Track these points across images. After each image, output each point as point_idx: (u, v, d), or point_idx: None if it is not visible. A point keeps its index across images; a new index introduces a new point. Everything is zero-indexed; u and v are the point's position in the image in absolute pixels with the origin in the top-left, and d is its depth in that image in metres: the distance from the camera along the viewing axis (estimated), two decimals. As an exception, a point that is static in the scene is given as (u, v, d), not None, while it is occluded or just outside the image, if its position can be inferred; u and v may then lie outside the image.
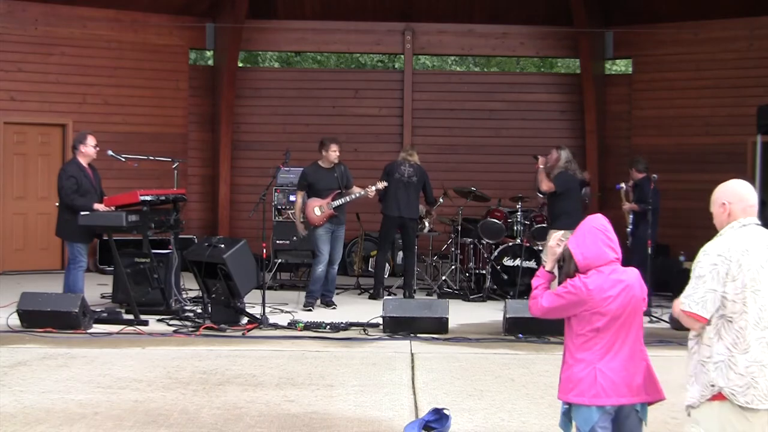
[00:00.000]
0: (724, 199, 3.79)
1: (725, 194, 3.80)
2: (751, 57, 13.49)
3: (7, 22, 13.11)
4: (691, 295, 3.69)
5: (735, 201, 3.78)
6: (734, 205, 3.77)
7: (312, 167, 10.51)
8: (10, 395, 6.37)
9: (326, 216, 10.26)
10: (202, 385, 6.76)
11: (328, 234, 10.31)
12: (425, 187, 11.27)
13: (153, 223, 9.48)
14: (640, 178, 11.07)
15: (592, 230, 4.11)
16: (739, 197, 3.78)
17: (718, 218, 3.82)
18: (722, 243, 3.73)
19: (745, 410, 3.64)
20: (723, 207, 3.79)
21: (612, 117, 14.74)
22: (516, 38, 15.01)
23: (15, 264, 13.20)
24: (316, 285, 10.28)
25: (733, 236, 3.74)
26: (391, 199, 11.08)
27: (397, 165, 11.20)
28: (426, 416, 5.68)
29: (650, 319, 9.88)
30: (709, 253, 3.71)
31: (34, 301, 8.83)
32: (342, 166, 10.51)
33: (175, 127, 14.41)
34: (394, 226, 11.23)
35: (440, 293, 11.38)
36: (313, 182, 10.36)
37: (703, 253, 3.73)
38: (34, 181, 13.42)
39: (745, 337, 3.66)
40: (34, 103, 13.32)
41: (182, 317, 9.34)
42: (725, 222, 3.79)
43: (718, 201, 3.81)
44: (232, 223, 14.45)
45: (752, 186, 3.86)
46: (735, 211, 3.77)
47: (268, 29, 15.00)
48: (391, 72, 19.64)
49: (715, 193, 3.86)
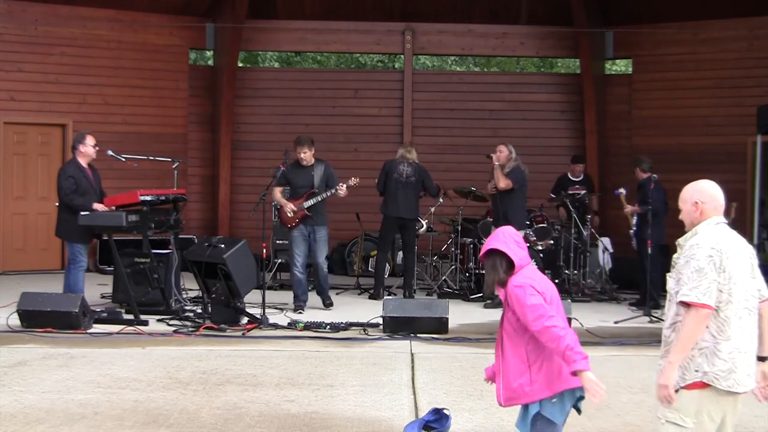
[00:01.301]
0: (697, 198, 3.97)
1: (698, 194, 3.98)
2: (751, 57, 13.49)
3: (7, 22, 13.11)
4: (697, 287, 3.79)
5: (708, 200, 3.96)
6: (707, 205, 3.95)
7: (291, 165, 10.34)
8: (10, 395, 6.37)
9: (299, 217, 10.13)
10: (202, 385, 6.76)
11: (302, 236, 10.14)
12: (425, 183, 11.24)
13: (153, 223, 9.48)
14: (644, 178, 11.02)
15: (511, 234, 4.30)
16: (712, 197, 3.96)
17: (688, 216, 3.99)
18: (710, 237, 3.89)
19: (722, 394, 3.86)
20: (696, 206, 3.96)
21: (612, 117, 14.74)
22: (516, 38, 15.01)
23: (15, 264, 13.19)
24: (299, 289, 10.15)
25: (715, 232, 3.92)
26: (390, 200, 11.07)
27: (396, 164, 11.17)
28: (426, 416, 5.68)
29: (650, 320, 9.89)
30: (703, 246, 3.85)
31: (34, 301, 8.83)
32: (323, 165, 10.32)
33: (175, 127, 14.40)
34: (394, 226, 11.22)
35: (440, 293, 11.38)
36: (290, 179, 10.27)
37: (697, 247, 3.85)
38: (34, 181, 13.42)
39: (729, 326, 3.86)
40: (34, 103, 13.32)
41: (182, 317, 9.34)
42: (697, 220, 3.96)
43: (691, 200, 3.98)
44: (232, 223, 14.45)
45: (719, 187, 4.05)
46: (707, 210, 3.95)
47: (268, 29, 14.99)
48: (391, 72, 19.64)
49: (686, 192, 4.03)
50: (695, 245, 3.88)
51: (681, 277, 3.88)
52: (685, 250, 3.92)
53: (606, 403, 6.35)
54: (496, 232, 4.35)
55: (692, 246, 3.89)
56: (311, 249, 10.20)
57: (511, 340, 4.22)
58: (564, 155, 13.61)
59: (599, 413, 5.99)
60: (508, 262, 4.22)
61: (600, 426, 5.87)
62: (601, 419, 5.97)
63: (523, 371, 4.16)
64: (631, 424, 6.00)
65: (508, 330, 4.24)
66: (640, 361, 7.99)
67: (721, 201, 3.99)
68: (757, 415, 6.24)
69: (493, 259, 4.24)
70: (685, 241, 3.97)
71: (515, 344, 4.20)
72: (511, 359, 4.20)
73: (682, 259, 3.91)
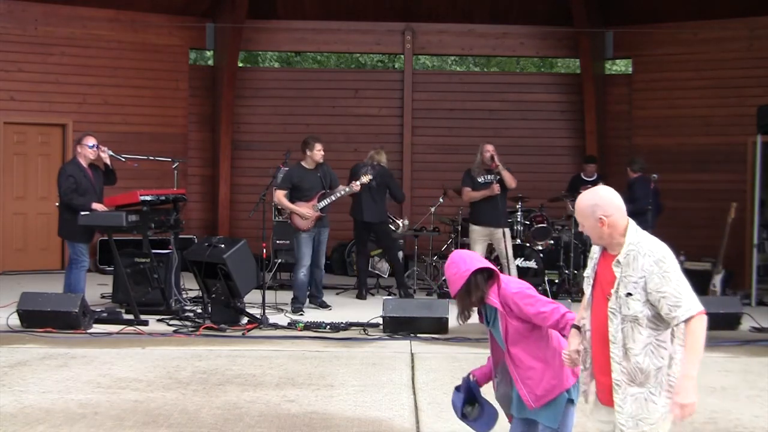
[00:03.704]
0: (600, 214, 3.59)
1: (602, 209, 3.60)
2: (751, 57, 13.49)
3: (7, 22, 13.12)
4: (690, 297, 3.51)
5: (614, 212, 3.61)
6: (614, 216, 3.60)
7: (296, 169, 10.27)
8: (10, 395, 6.37)
9: (313, 219, 10.10)
10: (202, 385, 6.76)
11: (311, 238, 10.13)
12: (390, 188, 11.11)
13: (153, 223, 9.49)
14: (633, 177, 11.08)
15: (468, 253, 4.32)
16: (617, 207, 3.63)
17: (594, 231, 3.63)
18: (654, 242, 3.59)
19: None
20: (601, 222, 3.60)
21: (612, 117, 14.74)
22: (516, 38, 15.01)
23: (15, 264, 13.20)
24: (301, 291, 10.10)
25: (648, 236, 3.63)
26: (355, 204, 11.00)
27: (359, 168, 11.01)
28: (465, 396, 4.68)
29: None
30: (665, 254, 3.54)
31: (34, 301, 8.84)
32: (325, 166, 10.30)
33: (175, 127, 14.41)
34: (363, 229, 11.14)
35: (440, 293, 11.37)
36: (297, 183, 10.14)
37: (671, 256, 3.55)
38: (34, 181, 13.42)
39: (681, 333, 3.58)
40: (34, 103, 13.33)
41: (182, 317, 9.34)
42: (607, 235, 3.61)
43: (594, 215, 3.60)
44: (232, 223, 14.45)
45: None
46: (617, 221, 3.61)
47: (268, 29, 14.99)
48: (391, 72, 19.65)
49: (584, 207, 3.65)
50: (661, 259, 3.52)
51: (658, 296, 3.49)
52: (643, 266, 3.52)
53: (606, 403, 6.36)
54: (455, 261, 4.22)
55: (663, 250, 3.55)
56: (314, 250, 10.20)
57: (522, 347, 4.15)
58: (564, 155, 13.62)
59: (599, 413, 5.98)
60: (487, 274, 4.18)
61: (600, 426, 5.86)
62: (601, 419, 5.96)
63: (546, 369, 4.12)
64: (631, 424, 5.99)
65: (515, 338, 4.15)
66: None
67: (623, 206, 3.64)
68: (758, 415, 6.25)
69: (468, 283, 4.14)
70: (627, 258, 3.57)
71: (528, 349, 4.14)
72: (530, 364, 4.13)
73: (653, 278, 3.50)
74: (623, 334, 3.58)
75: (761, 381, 7.29)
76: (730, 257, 11.34)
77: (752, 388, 7.06)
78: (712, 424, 6.00)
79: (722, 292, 10.84)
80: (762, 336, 9.20)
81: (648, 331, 3.55)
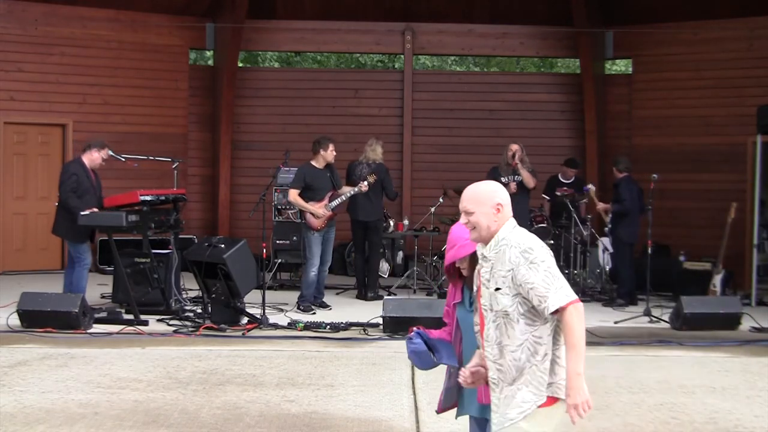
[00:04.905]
0: (499, 200, 3.55)
1: (500, 196, 3.58)
2: (751, 57, 13.49)
3: (7, 22, 13.12)
4: (561, 287, 3.39)
5: (506, 203, 3.60)
6: (507, 207, 3.59)
7: (308, 168, 10.33)
8: (10, 395, 6.37)
9: (326, 219, 10.19)
10: (202, 385, 6.76)
11: (320, 237, 10.22)
12: (383, 184, 11.00)
13: (153, 223, 9.49)
14: (619, 178, 11.08)
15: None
16: (507, 201, 3.61)
17: (486, 218, 3.53)
18: (525, 236, 3.53)
19: (562, 405, 3.45)
20: (497, 209, 3.54)
21: (612, 117, 14.74)
22: (516, 38, 15.01)
23: (15, 264, 13.19)
24: (310, 289, 10.16)
25: (522, 232, 3.58)
26: (352, 203, 10.98)
27: (355, 166, 11.00)
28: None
29: (650, 319, 9.88)
30: (533, 245, 3.47)
31: (34, 301, 8.84)
32: (331, 166, 10.39)
33: (175, 127, 14.40)
34: (359, 228, 11.13)
35: (440, 293, 11.36)
36: (310, 183, 10.23)
37: (540, 247, 3.48)
38: (34, 181, 13.42)
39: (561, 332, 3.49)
40: (34, 103, 13.32)
41: (182, 317, 9.34)
42: (494, 225, 3.55)
43: (492, 201, 3.55)
44: (232, 223, 14.45)
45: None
46: (507, 213, 3.59)
47: (268, 29, 15.00)
48: (391, 72, 19.64)
49: (481, 193, 3.59)
50: (537, 244, 3.47)
51: (527, 287, 3.40)
52: (510, 258, 3.46)
53: (606, 403, 6.36)
54: (457, 234, 3.93)
55: (536, 244, 3.48)
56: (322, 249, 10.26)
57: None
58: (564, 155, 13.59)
59: (599, 413, 5.99)
60: None
61: (600, 426, 5.86)
62: (601, 419, 5.97)
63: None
64: (631, 424, 6.00)
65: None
66: (640, 361, 8.01)
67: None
68: (758, 415, 6.25)
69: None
70: (492, 252, 3.52)
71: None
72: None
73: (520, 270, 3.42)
74: (498, 332, 3.50)
75: (761, 381, 7.29)
76: (730, 257, 11.33)
77: (752, 388, 7.06)
78: (712, 424, 6.00)
79: (722, 292, 10.83)
80: (762, 336, 9.20)
81: (523, 327, 3.46)
